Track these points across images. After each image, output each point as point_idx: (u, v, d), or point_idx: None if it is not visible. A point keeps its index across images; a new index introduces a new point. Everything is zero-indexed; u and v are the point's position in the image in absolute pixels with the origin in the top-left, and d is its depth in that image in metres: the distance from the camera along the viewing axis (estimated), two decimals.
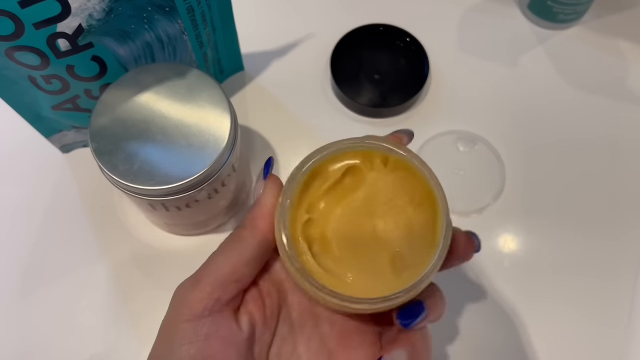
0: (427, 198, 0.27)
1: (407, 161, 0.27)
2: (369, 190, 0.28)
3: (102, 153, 0.33)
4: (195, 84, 0.35)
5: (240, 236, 0.27)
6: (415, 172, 0.27)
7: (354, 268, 0.26)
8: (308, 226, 0.27)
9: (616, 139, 0.45)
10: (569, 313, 0.40)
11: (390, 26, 0.48)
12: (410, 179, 0.27)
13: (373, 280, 0.26)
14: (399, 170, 0.28)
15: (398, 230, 0.27)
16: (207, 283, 0.26)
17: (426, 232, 0.27)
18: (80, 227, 0.43)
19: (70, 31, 0.32)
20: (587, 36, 0.49)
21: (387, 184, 0.28)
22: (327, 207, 0.27)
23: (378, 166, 0.28)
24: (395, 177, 0.28)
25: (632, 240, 0.42)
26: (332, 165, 0.28)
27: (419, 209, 0.27)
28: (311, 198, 0.27)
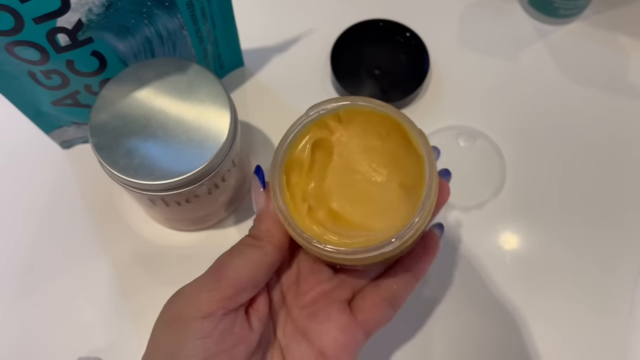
0: (390, 125, 0.28)
1: (354, 107, 0.28)
2: (341, 151, 0.29)
3: (102, 148, 0.33)
4: (195, 79, 0.35)
5: (260, 245, 0.28)
6: (366, 112, 0.28)
7: (375, 222, 0.27)
8: (312, 213, 0.28)
9: (617, 134, 0.45)
10: (570, 308, 0.40)
11: (390, 21, 0.48)
12: (366, 119, 0.28)
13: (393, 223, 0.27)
14: (354, 118, 0.29)
15: (386, 167, 0.28)
16: (227, 285, 0.27)
17: (408, 151, 0.28)
18: (80, 222, 0.43)
19: (69, 26, 0.32)
20: (588, 31, 0.49)
21: (351, 135, 0.29)
22: (316, 186, 0.29)
23: (334, 126, 0.29)
24: (353, 126, 0.29)
25: (633, 235, 0.42)
26: (297, 152, 0.28)
27: (389, 138, 0.28)
28: (299, 188, 0.28)
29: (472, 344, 0.39)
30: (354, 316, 0.30)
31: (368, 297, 0.30)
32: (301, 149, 0.29)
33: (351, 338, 0.29)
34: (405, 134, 0.28)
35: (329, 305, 0.30)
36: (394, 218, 0.27)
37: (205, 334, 0.26)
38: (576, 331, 0.39)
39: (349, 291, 0.31)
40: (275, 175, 0.28)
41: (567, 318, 0.40)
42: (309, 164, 0.29)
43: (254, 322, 0.28)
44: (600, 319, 0.40)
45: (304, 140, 0.29)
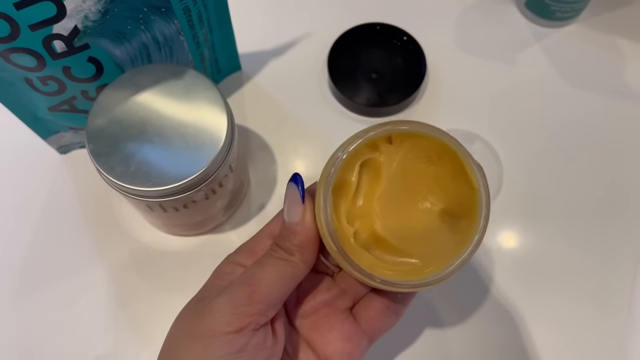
0: (443, 151, 0.27)
1: (407, 130, 0.28)
2: (389, 173, 0.28)
3: (99, 154, 0.33)
4: (192, 85, 0.35)
5: (292, 261, 0.27)
6: (419, 134, 0.27)
7: (415, 249, 0.27)
8: (357, 237, 0.27)
9: (614, 136, 0.45)
10: (568, 310, 0.40)
11: (387, 25, 0.48)
12: (418, 143, 0.28)
13: (435, 251, 0.27)
14: (405, 140, 0.28)
15: (432, 192, 0.28)
16: (259, 300, 0.26)
17: (458, 180, 0.27)
18: (77, 228, 0.43)
19: (65, 32, 0.32)
20: (585, 34, 0.49)
21: (401, 158, 0.28)
22: (361, 208, 0.28)
23: (385, 147, 0.28)
24: (404, 148, 0.28)
25: (630, 237, 0.42)
26: (346, 173, 0.28)
27: (439, 163, 0.28)
28: (345, 211, 0.28)
29: (471, 345, 0.39)
30: (358, 324, 0.30)
31: (371, 305, 0.30)
32: (350, 169, 0.28)
33: (356, 346, 0.29)
34: (458, 161, 0.27)
35: (331, 314, 0.30)
36: (437, 247, 0.27)
37: (238, 349, 0.25)
38: (574, 332, 0.39)
39: (350, 299, 0.30)
40: (324, 197, 0.27)
41: (565, 319, 0.40)
42: (356, 186, 0.28)
43: (279, 331, 0.28)
44: (599, 319, 0.40)
45: (353, 161, 0.28)
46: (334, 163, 0.27)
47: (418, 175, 0.28)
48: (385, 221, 0.28)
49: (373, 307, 0.30)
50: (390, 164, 0.28)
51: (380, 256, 0.27)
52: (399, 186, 0.28)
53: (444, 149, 0.27)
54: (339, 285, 0.31)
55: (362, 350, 0.29)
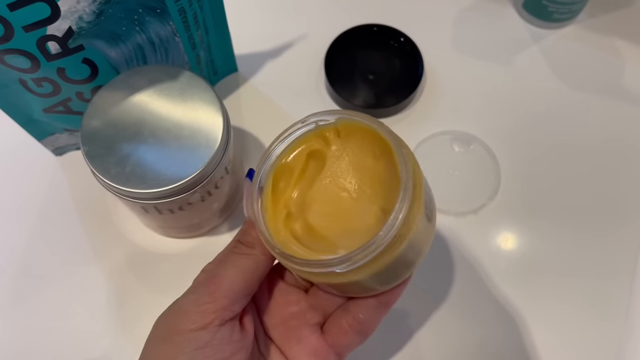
0: (384, 146, 0.27)
1: (352, 122, 0.28)
2: (334, 165, 0.28)
3: (94, 156, 0.33)
4: (187, 86, 0.35)
5: (252, 254, 0.28)
6: (364, 128, 0.27)
7: (345, 242, 0.26)
8: (288, 222, 0.28)
9: (611, 137, 0.45)
10: (566, 312, 0.40)
11: (384, 26, 0.47)
12: (364, 138, 0.28)
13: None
14: (352, 134, 0.28)
15: (372, 189, 0.27)
16: (222, 296, 0.27)
17: (394, 176, 0.26)
18: (73, 230, 0.42)
19: (60, 34, 0.31)
20: (582, 35, 0.49)
21: (348, 151, 0.28)
22: (299, 195, 0.28)
23: (332, 139, 0.28)
24: (350, 141, 0.28)
25: (627, 238, 0.42)
26: (291, 159, 0.28)
27: (380, 160, 0.27)
28: (284, 196, 0.28)
29: (469, 348, 0.39)
30: (325, 339, 0.30)
31: (335, 322, 0.30)
32: (295, 156, 0.28)
33: None
34: (392, 155, 0.26)
35: (300, 327, 0.30)
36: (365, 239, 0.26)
37: (204, 344, 0.26)
38: (572, 334, 0.39)
39: (320, 314, 0.30)
40: (263, 178, 0.27)
41: (563, 322, 0.40)
42: (299, 173, 0.28)
43: (247, 326, 0.28)
44: (596, 321, 0.39)
45: (299, 148, 0.28)
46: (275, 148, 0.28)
47: (361, 169, 0.28)
48: (320, 212, 0.28)
49: (338, 324, 0.30)
50: (336, 157, 0.28)
51: (310, 244, 0.27)
52: (340, 179, 0.28)
53: (384, 143, 0.27)
54: (309, 300, 0.31)
55: None
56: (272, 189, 0.28)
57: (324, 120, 0.28)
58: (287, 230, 0.27)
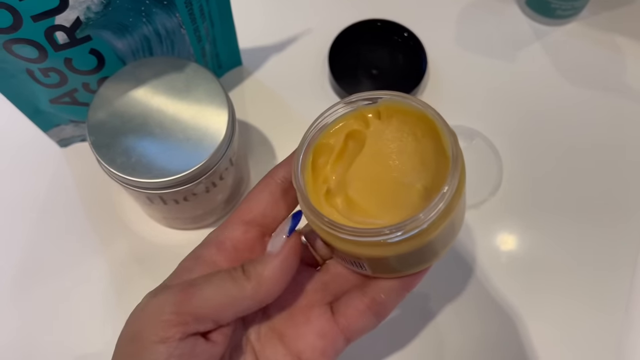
0: (429, 128, 0.27)
1: (396, 103, 0.28)
2: (373, 145, 0.28)
3: (100, 146, 0.33)
4: (193, 78, 0.35)
5: (241, 286, 0.25)
6: (408, 109, 0.27)
7: (385, 214, 0.27)
8: (329, 197, 0.27)
9: (613, 134, 0.45)
10: (566, 307, 0.40)
11: (388, 21, 0.48)
12: (405, 119, 0.28)
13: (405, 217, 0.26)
14: (393, 115, 0.28)
15: (414, 168, 0.27)
16: (187, 312, 0.24)
17: (438, 156, 0.27)
18: (77, 221, 0.43)
19: (68, 24, 0.32)
20: (585, 32, 0.49)
21: (388, 133, 0.28)
22: (340, 173, 0.28)
23: (373, 121, 0.28)
24: (390, 122, 0.28)
25: (628, 235, 0.42)
26: (330, 137, 0.28)
27: (424, 140, 0.27)
28: (323, 172, 0.28)
29: (468, 342, 0.39)
30: (336, 321, 0.28)
31: (352, 303, 0.28)
32: (334, 135, 0.28)
33: (330, 344, 0.27)
34: (439, 137, 0.26)
35: (309, 308, 0.28)
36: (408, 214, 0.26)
37: (163, 358, 0.24)
38: (572, 330, 0.39)
39: (332, 294, 0.29)
40: (303, 152, 0.27)
41: (564, 317, 0.40)
42: (338, 152, 0.28)
43: (217, 337, 0.26)
44: (597, 318, 0.40)
45: (338, 126, 0.28)
46: (316, 126, 0.28)
47: (402, 150, 0.28)
48: (360, 188, 0.27)
49: (354, 305, 0.28)
50: (376, 137, 0.28)
51: (351, 217, 0.27)
52: (381, 159, 0.28)
53: (427, 124, 0.27)
54: (322, 278, 0.29)
55: (337, 349, 0.28)
56: (312, 166, 0.28)
57: (366, 101, 0.28)
58: (328, 204, 0.27)
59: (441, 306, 0.40)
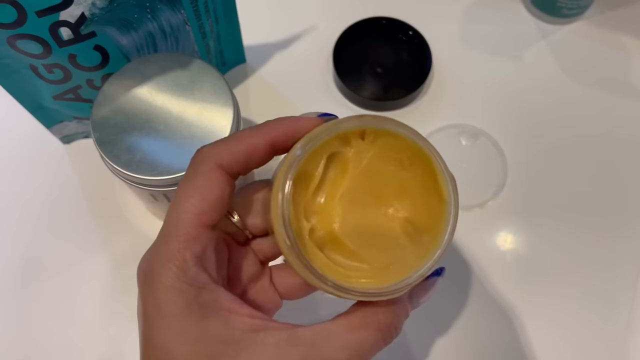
0: (416, 155, 0.25)
1: (382, 124, 0.25)
2: (356, 171, 0.26)
3: (104, 143, 0.33)
4: (198, 75, 0.35)
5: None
6: (394, 133, 0.25)
7: (371, 255, 0.25)
8: (313, 235, 0.25)
9: (619, 134, 0.45)
10: (569, 310, 0.40)
11: (393, 19, 0.48)
12: (392, 143, 0.25)
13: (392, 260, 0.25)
14: (378, 138, 0.26)
15: (398, 198, 0.26)
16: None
17: (427, 189, 0.25)
18: (80, 218, 0.43)
19: (72, 19, 0.31)
20: (590, 31, 0.49)
21: (372, 156, 0.26)
22: (322, 206, 0.26)
23: (356, 142, 0.26)
24: (376, 146, 0.26)
25: (634, 237, 0.42)
26: (310, 164, 0.25)
27: (410, 169, 0.26)
28: (304, 205, 0.25)
29: (470, 343, 0.39)
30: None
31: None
32: (315, 161, 0.25)
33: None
34: (431, 169, 0.25)
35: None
36: (394, 256, 0.25)
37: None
38: (575, 333, 0.39)
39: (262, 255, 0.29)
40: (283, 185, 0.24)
41: (566, 319, 0.40)
42: (319, 180, 0.26)
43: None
44: (600, 320, 0.40)
45: (320, 152, 0.25)
46: (297, 154, 0.24)
47: (386, 177, 0.26)
48: (345, 222, 0.26)
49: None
50: (359, 161, 0.26)
51: (333, 258, 0.25)
52: (364, 186, 0.26)
53: (418, 153, 0.25)
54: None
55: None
56: (293, 199, 0.24)
57: (350, 122, 0.25)
58: (311, 242, 0.25)
59: (442, 305, 0.40)
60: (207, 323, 0.23)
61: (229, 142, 0.25)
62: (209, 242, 0.24)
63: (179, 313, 0.23)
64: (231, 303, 0.24)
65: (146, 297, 0.24)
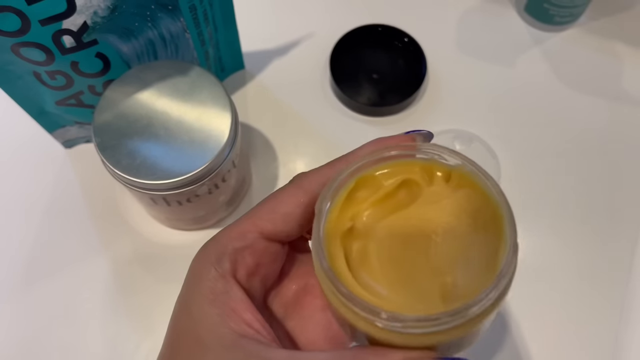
0: (492, 219, 0.23)
1: (473, 176, 0.23)
2: (425, 207, 0.24)
3: (105, 148, 0.34)
4: (197, 81, 0.36)
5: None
6: (482, 189, 0.23)
7: (394, 286, 0.22)
8: (349, 234, 0.23)
9: (611, 140, 0.46)
10: (562, 314, 0.40)
11: (389, 26, 0.48)
12: (474, 197, 0.23)
13: (414, 301, 0.22)
14: (463, 187, 0.24)
15: (453, 255, 0.23)
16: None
17: (487, 258, 0.23)
18: (81, 221, 0.43)
19: (75, 28, 0.32)
20: (583, 38, 0.50)
21: (448, 202, 0.24)
22: (373, 217, 0.24)
23: (438, 181, 0.24)
24: (457, 194, 0.24)
25: (625, 241, 0.42)
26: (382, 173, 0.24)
27: (481, 232, 0.23)
28: (357, 206, 0.24)
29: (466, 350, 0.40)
30: None
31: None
32: (389, 174, 0.24)
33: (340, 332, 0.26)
34: (500, 237, 0.22)
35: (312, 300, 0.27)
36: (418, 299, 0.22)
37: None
38: (568, 334, 0.40)
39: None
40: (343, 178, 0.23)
41: (559, 323, 0.40)
42: (383, 194, 0.24)
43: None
44: (592, 324, 0.40)
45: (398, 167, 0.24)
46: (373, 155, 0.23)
47: (453, 229, 0.23)
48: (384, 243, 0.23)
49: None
50: (434, 200, 0.24)
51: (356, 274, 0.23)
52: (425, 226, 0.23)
53: (495, 217, 0.23)
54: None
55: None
56: (348, 195, 0.24)
57: (443, 158, 0.24)
58: (341, 246, 0.23)
59: None
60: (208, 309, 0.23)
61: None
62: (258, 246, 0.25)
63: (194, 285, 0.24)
64: (239, 303, 0.24)
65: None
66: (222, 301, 0.24)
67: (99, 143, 0.34)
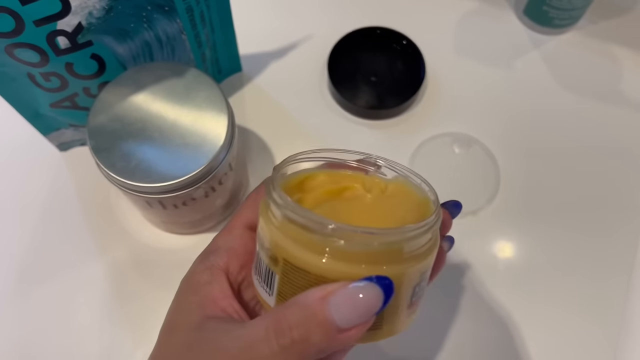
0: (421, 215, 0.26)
1: (405, 185, 0.27)
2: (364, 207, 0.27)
3: (100, 150, 0.33)
4: (193, 83, 0.35)
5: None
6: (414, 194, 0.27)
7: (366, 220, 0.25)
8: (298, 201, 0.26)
9: (610, 143, 0.46)
10: (563, 316, 0.40)
11: (388, 29, 0.48)
12: (409, 202, 0.27)
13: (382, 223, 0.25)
14: (398, 195, 0.27)
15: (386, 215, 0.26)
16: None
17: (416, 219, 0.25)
18: (76, 225, 0.43)
19: (69, 29, 0.32)
20: (582, 41, 0.49)
21: (382, 206, 0.27)
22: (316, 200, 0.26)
23: (374, 190, 0.27)
24: (391, 201, 0.27)
25: (625, 243, 0.42)
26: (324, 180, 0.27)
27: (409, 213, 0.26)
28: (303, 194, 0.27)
29: (464, 349, 0.39)
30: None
31: None
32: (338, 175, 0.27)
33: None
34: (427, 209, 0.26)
35: None
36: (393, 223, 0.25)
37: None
38: (569, 338, 0.40)
39: None
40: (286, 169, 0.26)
41: (560, 324, 0.40)
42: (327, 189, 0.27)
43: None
44: (593, 325, 0.40)
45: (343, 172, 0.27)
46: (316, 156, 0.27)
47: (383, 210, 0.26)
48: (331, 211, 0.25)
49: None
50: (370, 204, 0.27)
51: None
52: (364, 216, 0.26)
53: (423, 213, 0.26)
54: None
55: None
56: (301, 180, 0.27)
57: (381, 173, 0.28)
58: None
59: (436, 312, 0.40)
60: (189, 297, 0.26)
61: None
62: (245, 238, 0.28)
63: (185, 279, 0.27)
64: (219, 293, 0.26)
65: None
66: (205, 291, 0.26)
67: (93, 146, 0.33)
